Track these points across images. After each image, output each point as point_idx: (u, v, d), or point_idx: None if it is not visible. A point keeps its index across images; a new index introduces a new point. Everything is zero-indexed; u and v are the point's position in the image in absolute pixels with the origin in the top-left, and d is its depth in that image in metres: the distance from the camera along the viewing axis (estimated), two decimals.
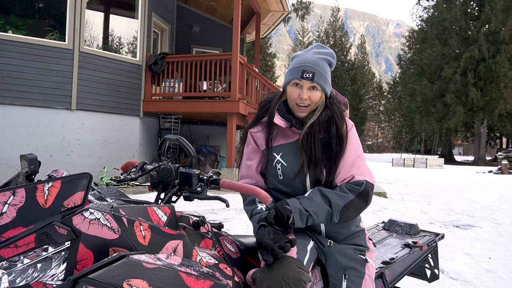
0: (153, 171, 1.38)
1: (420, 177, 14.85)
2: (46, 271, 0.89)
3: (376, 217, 5.55)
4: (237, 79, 8.22)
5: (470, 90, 27.86)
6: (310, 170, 1.47)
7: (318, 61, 1.48)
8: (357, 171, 1.47)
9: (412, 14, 78.52)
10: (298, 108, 1.48)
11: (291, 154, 1.50)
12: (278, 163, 1.50)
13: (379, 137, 70.24)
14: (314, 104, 1.48)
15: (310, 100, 1.47)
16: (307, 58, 1.49)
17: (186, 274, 0.91)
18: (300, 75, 1.45)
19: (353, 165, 1.47)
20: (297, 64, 1.49)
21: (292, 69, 1.50)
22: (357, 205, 1.43)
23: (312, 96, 1.47)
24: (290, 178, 1.49)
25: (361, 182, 1.44)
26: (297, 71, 1.47)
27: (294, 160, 1.48)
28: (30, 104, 7.14)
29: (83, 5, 7.64)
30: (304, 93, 1.45)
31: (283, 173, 1.49)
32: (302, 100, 1.46)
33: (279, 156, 1.51)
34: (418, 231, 2.34)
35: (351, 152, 1.48)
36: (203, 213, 5.35)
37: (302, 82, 1.46)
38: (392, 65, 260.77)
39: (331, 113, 1.49)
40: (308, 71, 1.45)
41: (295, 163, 1.48)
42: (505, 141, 40.29)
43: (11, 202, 0.90)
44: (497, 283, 3.12)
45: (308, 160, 1.46)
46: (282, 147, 1.52)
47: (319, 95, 1.48)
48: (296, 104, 1.48)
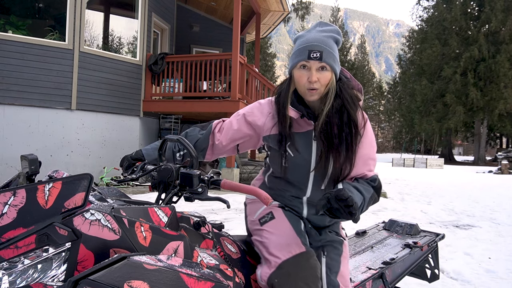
0: (154, 171, 1.38)
1: (420, 177, 14.85)
2: (47, 272, 0.89)
3: (376, 217, 5.55)
4: (237, 79, 8.22)
5: (470, 90, 27.88)
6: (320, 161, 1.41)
7: (324, 39, 1.36)
8: (369, 167, 1.45)
9: (412, 14, 78.66)
10: (308, 92, 1.37)
11: (302, 144, 1.43)
12: (285, 152, 1.43)
13: (379, 137, 70.26)
14: (325, 87, 1.36)
15: (320, 83, 1.35)
16: (312, 37, 1.36)
17: (187, 276, 0.91)
18: (307, 56, 1.33)
19: (366, 161, 1.44)
20: (302, 44, 1.36)
21: (297, 51, 1.37)
22: (375, 199, 1.44)
23: (321, 78, 1.35)
24: (296, 167, 1.44)
25: (375, 177, 1.44)
26: (303, 52, 1.34)
27: (304, 150, 1.43)
28: (30, 104, 7.14)
29: (83, 5, 7.64)
30: (313, 75, 1.34)
31: (290, 162, 1.44)
32: (312, 83, 1.34)
33: (288, 145, 1.43)
34: (418, 231, 2.35)
35: (364, 147, 1.43)
36: (203, 213, 5.35)
37: (309, 63, 1.34)
38: (392, 65, 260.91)
39: (341, 101, 1.39)
40: (315, 50, 1.33)
41: (305, 153, 1.42)
42: (505, 141, 40.31)
43: (12, 202, 0.90)
44: (497, 283, 3.12)
45: (326, 152, 1.39)
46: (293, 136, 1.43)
47: (329, 75, 1.36)
48: (306, 89, 1.37)
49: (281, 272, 1.26)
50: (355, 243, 2.15)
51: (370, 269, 1.75)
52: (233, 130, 1.50)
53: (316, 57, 1.32)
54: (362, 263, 1.82)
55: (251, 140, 1.53)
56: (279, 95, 1.46)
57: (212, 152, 1.55)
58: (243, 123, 1.50)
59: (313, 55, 1.32)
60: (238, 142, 1.53)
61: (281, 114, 1.42)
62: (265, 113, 1.49)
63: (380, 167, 22.56)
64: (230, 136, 1.51)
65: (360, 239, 2.22)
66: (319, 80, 1.35)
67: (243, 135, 1.51)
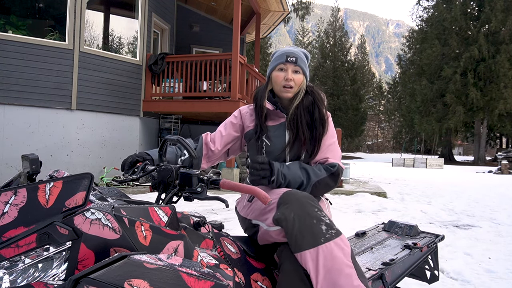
0: (154, 171, 1.39)
1: (420, 177, 14.85)
2: (47, 271, 0.89)
3: (376, 217, 5.55)
4: (237, 79, 8.22)
5: (470, 90, 27.86)
6: (293, 149, 1.63)
7: (298, 51, 1.68)
8: (331, 154, 1.64)
9: (412, 14, 78.47)
10: (284, 89, 1.64)
11: (277, 134, 1.65)
12: (262, 142, 1.65)
13: (379, 137, 70.23)
14: (298, 87, 1.64)
15: (294, 82, 1.63)
16: (289, 48, 1.69)
17: (187, 275, 0.91)
18: (285, 59, 1.63)
19: (328, 149, 1.65)
20: (281, 52, 1.67)
21: (276, 57, 1.67)
22: (327, 184, 1.58)
23: (295, 79, 1.63)
24: (273, 154, 1.63)
25: (334, 164, 1.61)
26: (281, 57, 1.64)
27: (279, 139, 1.64)
28: (30, 104, 7.14)
29: (83, 5, 7.64)
30: (289, 73, 1.62)
31: (267, 151, 1.64)
32: (288, 80, 1.62)
33: (264, 136, 1.65)
34: (418, 232, 2.34)
35: (328, 138, 1.66)
36: (203, 213, 5.35)
37: (286, 65, 1.63)
38: (392, 65, 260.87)
39: (312, 98, 1.67)
40: (292, 56, 1.63)
41: (279, 142, 1.63)
42: (505, 141, 40.29)
43: (13, 202, 0.90)
44: (497, 283, 3.12)
45: (293, 139, 1.61)
46: (268, 128, 1.66)
47: (302, 78, 1.65)
48: (282, 87, 1.64)
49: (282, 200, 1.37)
50: (354, 244, 2.15)
51: (369, 270, 1.75)
52: (224, 135, 1.74)
53: (292, 61, 1.63)
54: (361, 264, 1.83)
55: (238, 142, 1.77)
56: (257, 93, 1.73)
57: (206, 161, 1.75)
58: (230, 128, 1.75)
59: (290, 59, 1.63)
60: (229, 146, 1.76)
61: (258, 106, 1.68)
62: (246, 115, 1.75)
63: (380, 167, 22.57)
64: (223, 141, 1.74)
65: (360, 240, 2.22)
66: (293, 80, 1.63)
67: (232, 138, 1.75)
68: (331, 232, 1.29)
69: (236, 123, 1.74)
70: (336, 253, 1.27)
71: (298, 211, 1.30)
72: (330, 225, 1.31)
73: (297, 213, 1.30)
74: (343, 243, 1.30)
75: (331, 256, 1.26)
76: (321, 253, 1.26)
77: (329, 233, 1.29)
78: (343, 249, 1.29)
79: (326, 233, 1.28)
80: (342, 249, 1.29)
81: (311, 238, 1.27)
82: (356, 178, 12.56)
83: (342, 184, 8.98)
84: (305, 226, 1.28)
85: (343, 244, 1.30)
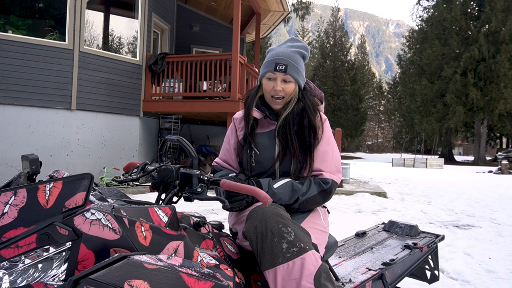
0: (154, 171, 1.38)
1: (420, 177, 14.85)
2: (47, 271, 0.89)
3: (376, 217, 5.55)
4: (237, 79, 8.22)
5: (470, 90, 27.84)
6: (283, 161, 1.54)
7: (291, 54, 1.53)
8: (325, 166, 1.54)
9: (412, 14, 78.58)
10: (273, 100, 1.54)
11: (266, 143, 1.57)
12: (251, 151, 1.57)
13: (379, 137, 70.20)
14: (289, 96, 1.54)
15: (284, 91, 1.52)
16: (280, 52, 1.54)
17: (187, 275, 0.91)
18: (274, 68, 1.51)
19: (322, 158, 1.54)
20: (271, 57, 1.54)
21: (266, 63, 1.55)
22: (316, 201, 1.51)
23: (286, 88, 1.52)
24: (262, 165, 1.56)
25: (328, 180, 1.51)
26: (271, 64, 1.52)
27: (268, 148, 1.56)
28: (30, 104, 7.14)
29: (83, 5, 7.64)
30: (278, 85, 1.51)
31: (256, 160, 1.57)
32: (276, 91, 1.51)
33: (253, 144, 1.57)
34: (418, 232, 2.35)
35: (322, 145, 1.55)
36: (203, 213, 5.35)
37: (275, 74, 1.51)
38: (392, 65, 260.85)
39: (303, 105, 1.55)
40: (281, 63, 1.50)
41: (268, 151, 1.55)
42: (505, 141, 40.28)
43: (13, 202, 0.90)
44: (497, 283, 3.12)
45: (283, 151, 1.52)
46: (257, 136, 1.59)
47: (293, 87, 1.53)
48: (271, 97, 1.54)
49: (249, 215, 1.34)
50: (355, 244, 2.15)
51: (370, 270, 1.75)
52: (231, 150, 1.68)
53: (281, 70, 1.50)
54: (362, 264, 1.83)
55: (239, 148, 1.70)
56: (247, 98, 1.64)
57: None
58: (232, 138, 1.68)
59: (279, 68, 1.50)
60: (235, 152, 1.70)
61: (246, 115, 1.60)
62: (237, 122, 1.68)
63: (380, 167, 22.56)
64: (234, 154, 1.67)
65: (360, 240, 2.22)
66: (283, 89, 1.52)
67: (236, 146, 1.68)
68: (292, 250, 1.21)
69: (234, 133, 1.69)
70: (294, 274, 1.20)
71: (260, 228, 1.25)
72: (293, 243, 1.22)
73: (260, 230, 1.25)
74: (307, 262, 1.21)
75: (289, 277, 1.20)
76: (279, 274, 1.20)
77: (290, 251, 1.21)
78: (304, 268, 1.20)
79: (286, 252, 1.21)
80: (302, 269, 1.20)
81: (270, 257, 1.22)
82: (356, 178, 12.55)
83: (342, 184, 8.98)
84: (265, 244, 1.23)
85: (306, 263, 1.20)
